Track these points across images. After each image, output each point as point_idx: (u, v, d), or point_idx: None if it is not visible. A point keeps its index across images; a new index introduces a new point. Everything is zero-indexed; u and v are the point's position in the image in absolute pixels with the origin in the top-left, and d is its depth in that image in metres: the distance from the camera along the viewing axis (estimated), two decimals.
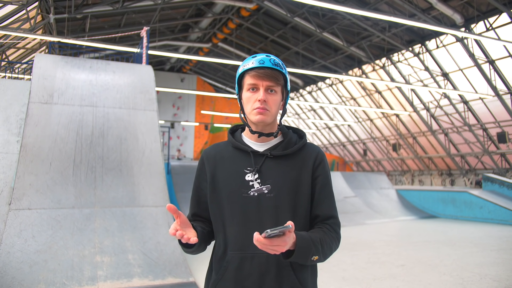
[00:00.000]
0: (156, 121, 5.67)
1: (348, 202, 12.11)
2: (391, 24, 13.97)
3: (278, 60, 1.33)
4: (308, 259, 1.19)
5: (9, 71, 11.98)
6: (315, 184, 1.33)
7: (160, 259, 4.53)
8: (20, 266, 3.94)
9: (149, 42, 7.44)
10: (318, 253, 1.21)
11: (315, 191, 1.33)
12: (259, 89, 1.30)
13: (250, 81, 1.31)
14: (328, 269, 5.43)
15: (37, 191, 4.53)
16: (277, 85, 1.31)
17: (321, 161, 1.36)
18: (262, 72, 1.28)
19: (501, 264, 5.78)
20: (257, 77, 1.29)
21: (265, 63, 1.29)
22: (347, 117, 22.87)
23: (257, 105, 1.29)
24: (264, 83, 1.29)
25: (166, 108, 22.59)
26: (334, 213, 1.34)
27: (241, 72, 1.34)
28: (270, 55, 1.33)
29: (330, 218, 1.33)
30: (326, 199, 1.34)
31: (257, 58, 1.31)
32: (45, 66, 5.49)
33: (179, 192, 9.58)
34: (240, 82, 1.37)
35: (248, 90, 1.32)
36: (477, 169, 17.67)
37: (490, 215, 11.23)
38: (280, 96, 1.33)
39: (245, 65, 1.32)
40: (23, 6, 9.79)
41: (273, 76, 1.29)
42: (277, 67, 1.30)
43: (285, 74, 1.33)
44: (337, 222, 1.34)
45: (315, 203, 1.33)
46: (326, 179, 1.35)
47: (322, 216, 1.32)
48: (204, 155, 1.41)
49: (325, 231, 1.29)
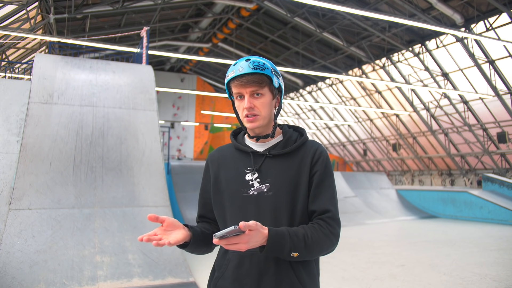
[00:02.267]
0: (156, 121, 5.68)
1: (348, 202, 12.10)
2: (391, 24, 13.97)
3: (258, 61, 1.30)
4: (283, 253, 1.18)
5: (9, 71, 11.99)
6: (313, 180, 1.31)
7: (160, 259, 4.54)
8: (20, 266, 3.94)
9: (149, 42, 7.44)
10: (299, 249, 1.18)
11: (312, 187, 1.31)
12: (244, 97, 1.31)
13: (235, 90, 1.32)
14: (328, 269, 5.43)
15: (37, 191, 4.53)
16: (261, 88, 1.30)
17: (320, 157, 1.33)
18: (243, 80, 1.28)
19: (501, 264, 5.78)
20: (240, 85, 1.29)
21: (244, 70, 1.28)
22: (347, 117, 22.87)
23: (245, 113, 1.30)
24: (247, 90, 1.29)
25: (166, 108, 22.59)
26: (329, 207, 1.28)
27: (226, 83, 1.35)
28: (252, 57, 1.32)
29: (325, 212, 1.27)
30: (322, 193, 1.30)
31: (237, 65, 1.30)
32: (45, 66, 5.49)
33: (179, 192, 9.57)
34: (230, 91, 1.38)
35: (236, 98, 1.34)
36: (477, 169, 17.67)
37: (490, 215, 11.23)
38: (268, 97, 1.32)
39: (228, 75, 1.32)
40: (23, 6, 9.79)
41: (254, 81, 1.28)
42: (257, 70, 1.28)
43: (268, 73, 1.30)
44: (332, 216, 1.27)
45: (310, 198, 1.30)
46: (324, 175, 1.32)
47: (318, 211, 1.29)
48: (209, 158, 1.46)
49: (316, 227, 1.24)
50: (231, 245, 1.09)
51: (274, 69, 1.35)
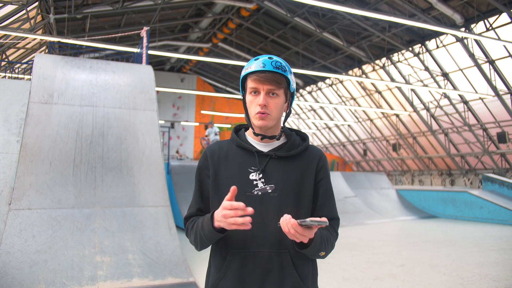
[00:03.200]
0: (156, 121, 5.68)
1: (348, 202, 12.10)
2: (391, 24, 13.96)
3: (281, 62, 1.31)
4: (316, 254, 1.26)
5: (9, 71, 11.99)
6: (319, 186, 1.37)
7: (160, 259, 4.54)
8: (20, 266, 3.94)
9: (149, 42, 7.44)
10: (325, 249, 1.27)
11: (318, 193, 1.37)
12: (260, 93, 1.30)
13: (251, 85, 1.31)
14: (328, 269, 5.43)
15: (37, 191, 4.53)
16: (279, 88, 1.30)
17: (324, 164, 1.41)
18: (262, 76, 1.27)
19: (501, 264, 5.78)
20: (258, 81, 1.29)
21: (266, 66, 1.28)
22: (347, 117, 22.87)
23: (258, 110, 1.29)
24: (265, 87, 1.28)
25: (166, 108, 22.59)
26: (336, 214, 1.42)
27: (244, 75, 1.34)
28: (274, 56, 1.32)
29: (333, 219, 1.39)
30: (330, 201, 1.40)
31: (259, 60, 1.30)
32: (45, 66, 5.49)
33: (179, 192, 9.57)
34: (244, 84, 1.37)
35: (250, 93, 1.32)
36: (477, 169, 17.67)
37: (490, 215, 11.23)
38: (282, 99, 1.33)
39: (248, 68, 1.32)
40: (23, 6, 9.79)
41: (274, 79, 1.28)
42: (279, 70, 1.29)
43: (287, 76, 1.32)
44: (338, 223, 1.42)
45: (319, 205, 1.37)
46: (329, 182, 1.41)
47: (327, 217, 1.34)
48: (208, 151, 1.41)
49: (329, 230, 1.35)
50: (300, 235, 1.11)
51: (292, 74, 1.37)
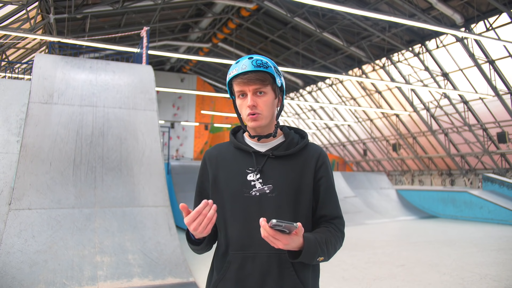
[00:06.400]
0: (156, 121, 5.68)
1: (348, 202, 12.10)
2: (391, 24, 13.96)
3: (261, 59, 1.29)
4: (313, 260, 1.21)
5: (9, 71, 11.99)
6: (319, 185, 1.34)
7: (160, 259, 4.54)
8: (20, 266, 3.94)
9: (149, 42, 7.44)
10: (324, 254, 1.22)
11: (319, 192, 1.34)
12: (247, 95, 1.29)
13: (237, 88, 1.30)
14: (328, 269, 5.43)
15: (37, 191, 4.53)
16: (264, 86, 1.29)
17: (324, 161, 1.36)
18: (246, 77, 1.27)
19: (501, 264, 5.78)
20: (242, 83, 1.28)
21: (247, 67, 1.27)
22: (347, 117, 22.86)
23: (248, 111, 1.29)
24: (250, 88, 1.28)
25: (166, 108, 22.58)
26: (339, 213, 1.37)
27: (228, 80, 1.34)
28: (254, 55, 1.31)
29: (336, 218, 1.35)
30: (332, 199, 1.35)
31: (240, 63, 1.29)
32: (45, 66, 5.49)
33: (179, 192, 9.57)
34: (231, 89, 1.36)
35: (238, 97, 1.32)
36: (477, 169, 17.66)
37: (490, 215, 11.23)
38: (271, 96, 1.31)
39: (231, 73, 1.31)
40: (23, 6, 9.79)
41: (257, 78, 1.27)
42: (261, 68, 1.27)
43: (271, 72, 1.30)
44: (342, 222, 1.37)
45: (320, 203, 1.34)
46: (330, 180, 1.36)
47: (329, 216, 1.34)
48: (206, 156, 1.42)
49: (331, 231, 1.30)
50: (273, 238, 1.09)
51: (276, 68, 1.35)
